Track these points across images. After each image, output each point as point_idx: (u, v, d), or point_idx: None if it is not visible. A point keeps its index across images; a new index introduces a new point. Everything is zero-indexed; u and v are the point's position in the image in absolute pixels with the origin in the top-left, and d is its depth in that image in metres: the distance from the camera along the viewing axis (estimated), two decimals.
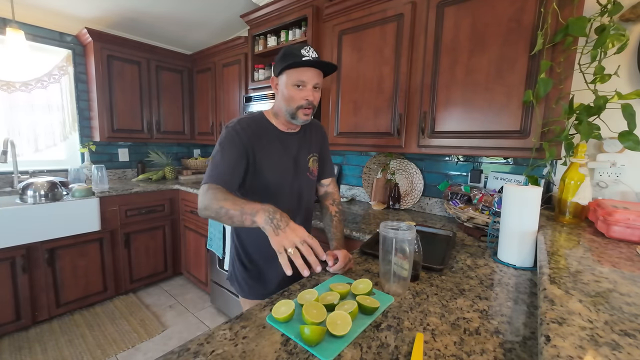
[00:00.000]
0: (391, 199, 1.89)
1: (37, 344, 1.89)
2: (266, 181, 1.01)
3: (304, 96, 0.96)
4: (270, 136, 1.03)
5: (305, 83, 0.95)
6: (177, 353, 0.57)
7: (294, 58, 0.93)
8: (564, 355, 0.40)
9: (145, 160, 3.09)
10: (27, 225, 1.91)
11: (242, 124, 0.98)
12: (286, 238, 0.72)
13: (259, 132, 1.00)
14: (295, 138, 1.09)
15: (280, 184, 1.04)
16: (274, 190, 1.03)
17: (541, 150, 1.16)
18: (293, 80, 0.95)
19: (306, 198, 1.14)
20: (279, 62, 0.96)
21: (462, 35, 1.32)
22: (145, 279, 2.58)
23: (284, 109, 1.00)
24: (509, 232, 0.99)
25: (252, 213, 0.77)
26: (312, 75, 0.96)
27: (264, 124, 1.03)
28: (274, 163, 1.02)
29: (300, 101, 0.97)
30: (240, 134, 0.96)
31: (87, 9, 2.37)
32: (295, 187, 1.08)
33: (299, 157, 1.09)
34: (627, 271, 0.65)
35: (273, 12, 2.08)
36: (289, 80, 0.96)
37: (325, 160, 1.23)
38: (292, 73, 0.95)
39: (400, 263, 0.79)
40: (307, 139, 1.13)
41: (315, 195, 1.22)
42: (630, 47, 1.15)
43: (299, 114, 0.98)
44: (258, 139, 0.99)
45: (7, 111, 2.30)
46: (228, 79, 2.62)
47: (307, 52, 0.94)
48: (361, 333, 0.64)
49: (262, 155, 0.99)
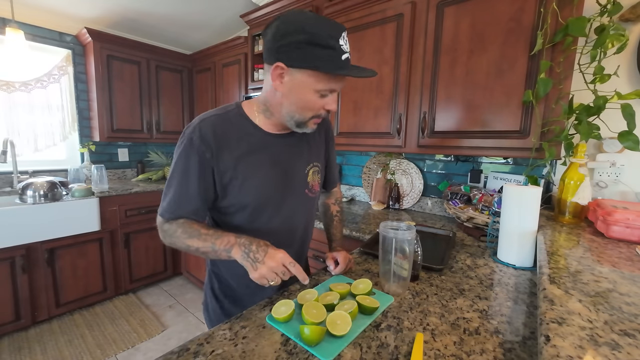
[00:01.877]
0: (391, 199, 1.89)
1: (36, 344, 1.88)
2: (239, 203, 0.76)
3: (324, 104, 0.70)
4: (249, 141, 0.75)
5: (334, 91, 0.70)
6: (177, 353, 0.57)
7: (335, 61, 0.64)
8: (564, 355, 0.40)
9: (145, 160, 3.09)
10: (26, 225, 1.91)
11: (204, 129, 0.71)
12: (266, 271, 0.64)
13: (230, 137, 0.73)
14: (287, 141, 0.80)
15: (261, 205, 0.77)
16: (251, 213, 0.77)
17: (541, 150, 1.16)
18: (320, 87, 0.67)
19: (303, 225, 0.88)
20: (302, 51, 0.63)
21: (461, 35, 1.32)
22: (145, 279, 2.58)
23: (287, 114, 0.72)
24: (508, 232, 0.99)
25: (227, 250, 0.68)
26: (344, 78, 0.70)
27: (239, 123, 0.75)
28: (250, 180, 0.74)
29: (319, 111, 0.71)
30: (198, 146, 0.69)
31: (86, 9, 2.37)
32: (285, 211, 0.81)
33: (292, 168, 0.81)
34: (626, 271, 0.65)
35: (273, 12, 2.08)
36: (314, 84, 0.67)
37: (330, 167, 0.98)
38: (323, 78, 0.66)
39: (400, 263, 0.79)
40: (306, 142, 0.85)
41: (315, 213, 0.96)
42: (630, 47, 1.15)
43: (310, 123, 0.73)
44: (227, 148, 0.72)
45: (6, 111, 2.30)
46: (228, 79, 2.62)
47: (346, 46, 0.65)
48: (361, 333, 0.64)
49: (233, 170, 0.73)
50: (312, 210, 0.92)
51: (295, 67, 0.65)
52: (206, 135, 0.70)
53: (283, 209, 0.81)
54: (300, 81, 0.67)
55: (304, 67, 0.65)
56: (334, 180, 1.03)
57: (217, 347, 0.59)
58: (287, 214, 0.82)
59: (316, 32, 0.62)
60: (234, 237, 0.68)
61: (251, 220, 0.79)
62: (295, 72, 0.66)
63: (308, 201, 0.87)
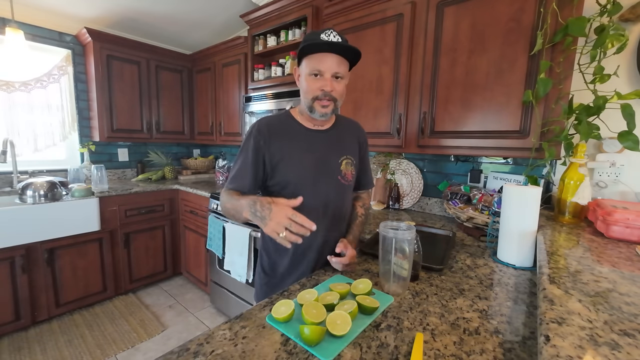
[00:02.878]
0: (391, 198, 1.89)
1: (36, 344, 1.88)
2: (284, 180, 0.95)
3: (320, 86, 0.87)
4: (293, 133, 0.96)
5: (322, 72, 0.86)
6: (176, 353, 0.57)
7: (311, 42, 0.84)
8: (564, 355, 0.40)
9: (145, 160, 3.08)
10: (26, 225, 1.91)
11: (261, 124, 0.95)
12: (274, 224, 0.73)
13: (279, 130, 0.95)
14: (323, 136, 0.99)
15: (300, 183, 0.95)
16: (293, 190, 0.94)
17: (541, 150, 1.16)
18: (310, 69, 0.87)
19: (335, 204, 1.00)
20: (300, 52, 0.88)
21: (461, 35, 1.32)
22: (144, 279, 2.58)
23: (303, 102, 0.93)
24: (508, 232, 0.99)
25: (241, 211, 0.83)
26: (332, 63, 0.85)
27: (286, 121, 0.98)
28: (292, 161, 0.94)
29: (315, 92, 0.88)
30: (255, 136, 0.93)
31: (86, 9, 2.37)
32: (320, 190, 0.97)
33: (326, 157, 0.98)
34: (626, 271, 0.65)
35: (273, 12, 2.08)
36: (305, 69, 0.88)
37: (365, 169, 1.12)
38: (310, 60, 0.87)
39: (400, 263, 0.79)
40: (340, 138, 1.02)
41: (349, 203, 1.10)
42: (630, 47, 1.15)
43: (316, 106, 0.89)
44: (277, 138, 0.94)
45: (6, 111, 2.30)
46: (228, 79, 2.62)
47: (328, 36, 0.83)
48: (361, 333, 0.64)
49: (280, 153, 0.93)
50: (346, 197, 1.06)
51: (299, 64, 0.93)
52: (262, 128, 0.94)
53: (318, 189, 0.97)
54: (301, 72, 0.92)
55: (301, 59, 0.90)
56: (367, 183, 1.16)
57: (217, 347, 0.59)
58: (322, 194, 0.97)
59: (307, 35, 0.89)
60: (245, 199, 0.83)
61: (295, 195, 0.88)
62: (300, 68, 0.92)
63: (341, 187, 1.01)
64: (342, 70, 0.88)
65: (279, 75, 2.16)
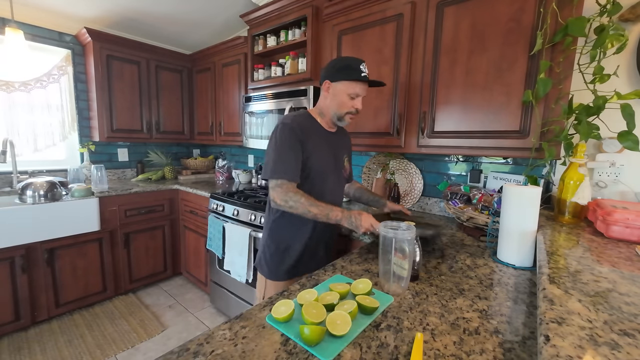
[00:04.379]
0: (391, 198, 1.89)
1: (36, 344, 1.88)
2: (313, 171, 1.15)
3: (354, 105, 1.15)
4: (318, 132, 1.19)
5: (358, 95, 1.14)
6: (176, 353, 0.57)
7: (356, 74, 1.10)
8: (563, 354, 0.40)
9: (145, 160, 3.08)
10: (26, 225, 1.91)
11: (297, 121, 1.13)
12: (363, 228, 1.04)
13: (309, 128, 1.15)
14: (334, 137, 1.26)
15: (324, 174, 1.18)
16: (317, 179, 1.17)
17: (540, 150, 1.16)
18: (350, 92, 1.12)
19: (340, 194, 1.31)
20: (339, 72, 1.11)
21: (461, 35, 1.32)
22: (144, 279, 2.58)
23: (332, 112, 1.17)
24: (508, 231, 0.99)
25: (337, 220, 1.07)
26: (365, 89, 1.15)
27: (312, 121, 1.19)
28: (320, 155, 1.16)
29: (350, 108, 1.15)
30: (296, 130, 1.10)
31: (86, 9, 2.37)
32: (334, 181, 1.24)
33: (337, 154, 1.25)
34: (626, 271, 0.65)
35: (273, 12, 2.08)
36: (346, 90, 1.12)
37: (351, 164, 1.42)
38: (350, 85, 1.12)
39: (399, 263, 0.79)
40: (342, 139, 1.31)
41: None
42: (630, 47, 1.15)
43: (346, 117, 1.18)
44: (308, 134, 1.13)
45: (6, 111, 2.30)
46: (228, 79, 2.62)
47: (365, 69, 1.13)
48: (361, 333, 0.64)
49: (312, 148, 1.13)
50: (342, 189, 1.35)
51: (336, 81, 1.13)
52: (299, 124, 1.13)
53: (332, 180, 1.23)
54: (339, 90, 1.14)
55: (340, 79, 1.12)
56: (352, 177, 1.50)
57: (217, 347, 0.59)
58: (335, 185, 1.25)
59: (347, 62, 1.13)
60: (340, 211, 1.07)
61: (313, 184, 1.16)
62: (336, 84, 1.14)
63: (342, 180, 1.31)
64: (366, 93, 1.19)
65: (279, 75, 2.16)
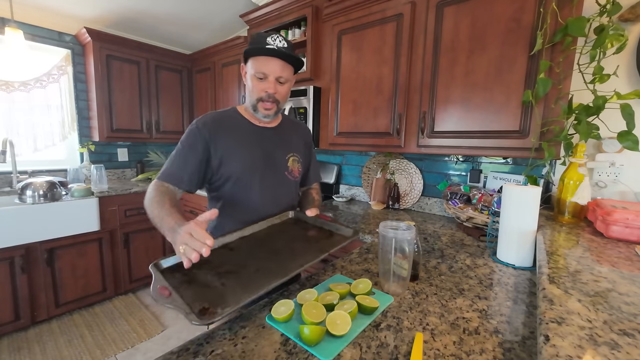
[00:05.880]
0: (390, 198, 1.89)
1: (36, 344, 1.88)
2: (230, 173, 0.96)
3: (263, 88, 0.91)
4: (240, 129, 0.99)
5: (266, 75, 0.90)
6: (176, 353, 0.57)
7: (258, 45, 0.87)
8: (563, 354, 0.40)
9: (145, 160, 3.08)
10: (26, 225, 1.91)
11: (206, 119, 0.96)
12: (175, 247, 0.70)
13: (224, 125, 0.97)
14: (270, 133, 1.04)
15: (246, 177, 0.97)
16: (241, 183, 0.97)
17: (540, 150, 1.16)
18: (254, 71, 0.90)
19: (285, 199, 1.07)
20: (246, 52, 0.91)
21: (461, 35, 1.32)
22: (144, 278, 2.57)
23: (248, 101, 0.97)
24: (508, 231, 0.99)
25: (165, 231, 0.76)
26: (276, 67, 0.89)
27: (232, 117, 1.00)
28: (238, 155, 0.96)
29: (260, 93, 0.92)
30: (200, 129, 0.93)
31: (86, 9, 2.37)
32: (268, 184, 1.01)
33: (273, 153, 1.03)
34: (626, 271, 0.65)
35: (272, 11, 2.08)
36: (250, 70, 0.91)
37: (314, 167, 1.21)
38: (255, 62, 0.90)
39: (399, 263, 0.79)
40: (286, 137, 1.08)
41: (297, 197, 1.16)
42: (629, 47, 1.15)
43: (259, 107, 0.94)
44: (222, 132, 0.95)
45: (6, 111, 2.29)
46: (227, 79, 2.62)
47: (273, 41, 0.87)
48: (361, 333, 0.64)
49: (225, 147, 0.94)
50: (294, 191, 1.12)
51: (245, 63, 0.94)
52: (207, 122, 0.95)
53: (266, 183, 1.00)
54: (247, 72, 0.94)
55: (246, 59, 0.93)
56: (313, 179, 1.22)
57: (217, 347, 0.59)
58: (270, 188, 1.02)
59: (254, 36, 0.91)
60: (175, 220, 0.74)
61: (237, 190, 0.97)
62: (246, 67, 0.94)
63: (289, 182, 1.07)
64: (285, 75, 0.92)
65: None
